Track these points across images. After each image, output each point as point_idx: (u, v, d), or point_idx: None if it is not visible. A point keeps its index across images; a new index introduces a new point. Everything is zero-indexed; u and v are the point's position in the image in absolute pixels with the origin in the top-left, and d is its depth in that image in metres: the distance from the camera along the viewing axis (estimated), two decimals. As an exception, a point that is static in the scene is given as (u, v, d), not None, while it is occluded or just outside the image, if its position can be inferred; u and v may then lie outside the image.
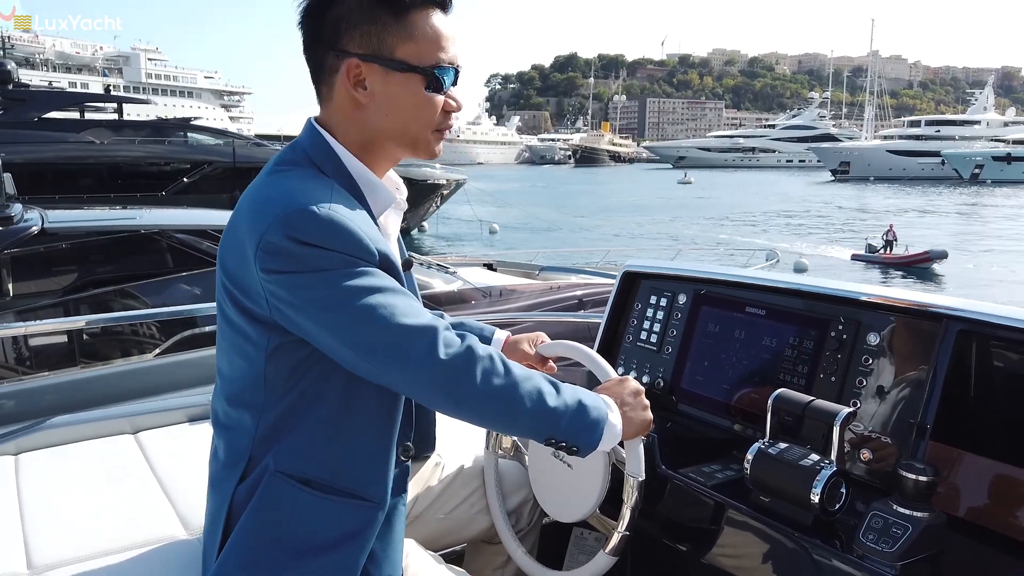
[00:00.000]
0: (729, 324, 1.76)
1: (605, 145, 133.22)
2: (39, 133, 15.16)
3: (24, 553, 1.44)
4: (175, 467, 1.82)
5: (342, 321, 1.08)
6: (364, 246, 1.11)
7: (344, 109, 1.21)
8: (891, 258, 18.51)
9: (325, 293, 1.08)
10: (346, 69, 1.18)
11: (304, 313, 1.09)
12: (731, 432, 1.69)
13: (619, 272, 2.07)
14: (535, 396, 1.17)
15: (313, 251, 1.07)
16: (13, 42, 36.51)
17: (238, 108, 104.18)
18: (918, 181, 62.07)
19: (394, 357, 1.09)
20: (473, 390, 1.12)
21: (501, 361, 1.16)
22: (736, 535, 1.42)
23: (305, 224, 1.07)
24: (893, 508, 1.22)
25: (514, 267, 7.48)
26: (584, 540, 1.87)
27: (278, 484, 1.19)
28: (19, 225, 4.54)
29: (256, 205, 1.14)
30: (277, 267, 1.08)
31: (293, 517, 1.19)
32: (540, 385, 1.18)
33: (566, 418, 1.19)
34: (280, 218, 1.07)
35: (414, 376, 1.10)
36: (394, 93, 1.20)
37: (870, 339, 1.51)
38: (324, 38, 1.19)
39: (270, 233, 1.07)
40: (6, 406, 3.19)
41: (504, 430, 1.35)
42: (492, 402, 1.14)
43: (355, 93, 1.19)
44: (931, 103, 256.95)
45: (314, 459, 1.19)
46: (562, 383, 1.23)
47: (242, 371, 1.20)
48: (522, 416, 1.17)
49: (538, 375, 1.20)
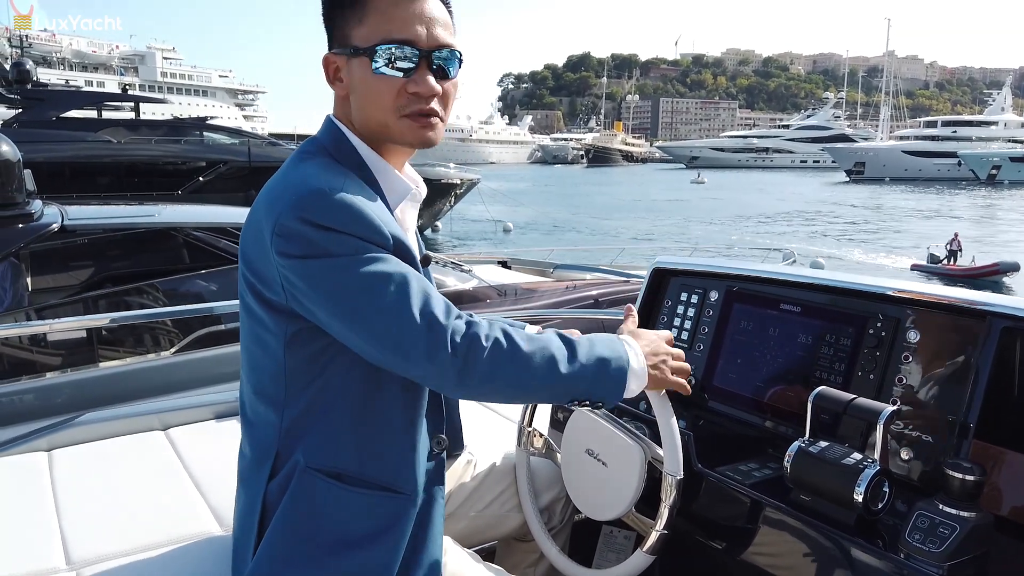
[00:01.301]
0: (763, 321, 1.74)
1: (618, 145, 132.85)
2: (57, 132, 15.26)
3: (63, 549, 1.45)
4: (205, 463, 1.82)
5: (352, 310, 1.08)
6: (377, 229, 1.11)
7: (342, 105, 1.25)
8: (955, 270, 16.69)
9: (335, 279, 1.08)
10: (324, 64, 1.23)
11: (315, 300, 1.09)
12: (765, 430, 1.67)
13: (638, 267, 2.06)
14: (549, 366, 1.15)
15: (326, 234, 1.07)
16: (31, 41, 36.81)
17: (252, 107, 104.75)
18: (934, 182, 61.57)
19: (403, 344, 1.08)
20: (485, 372, 1.11)
21: (508, 339, 1.13)
22: (774, 534, 1.40)
23: (319, 206, 1.08)
24: (939, 508, 1.20)
25: (528, 265, 7.47)
26: (613, 538, 1.86)
27: (309, 480, 1.19)
28: (39, 222, 4.56)
29: (274, 192, 1.15)
30: (291, 251, 1.08)
31: (326, 512, 1.19)
32: (553, 352, 1.16)
33: (586, 379, 1.18)
34: (295, 201, 1.08)
35: (423, 363, 1.09)
36: (354, 81, 1.20)
37: (910, 336, 1.49)
38: (329, 39, 1.24)
39: (285, 216, 1.08)
40: (30, 401, 3.22)
41: (525, 402, 1.34)
42: (507, 383, 1.14)
43: (333, 87, 1.24)
44: (948, 103, 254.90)
45: (343, 452, 1.19)
46: (578, 339, 1.21)
47: (263, 362, 1.20)
48: (538, 390, 1.17)
49: (552, 338, 1.19)
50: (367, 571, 1.20)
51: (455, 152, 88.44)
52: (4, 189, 4.46)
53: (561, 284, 5.97)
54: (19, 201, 4.55)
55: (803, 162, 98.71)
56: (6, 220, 4.45)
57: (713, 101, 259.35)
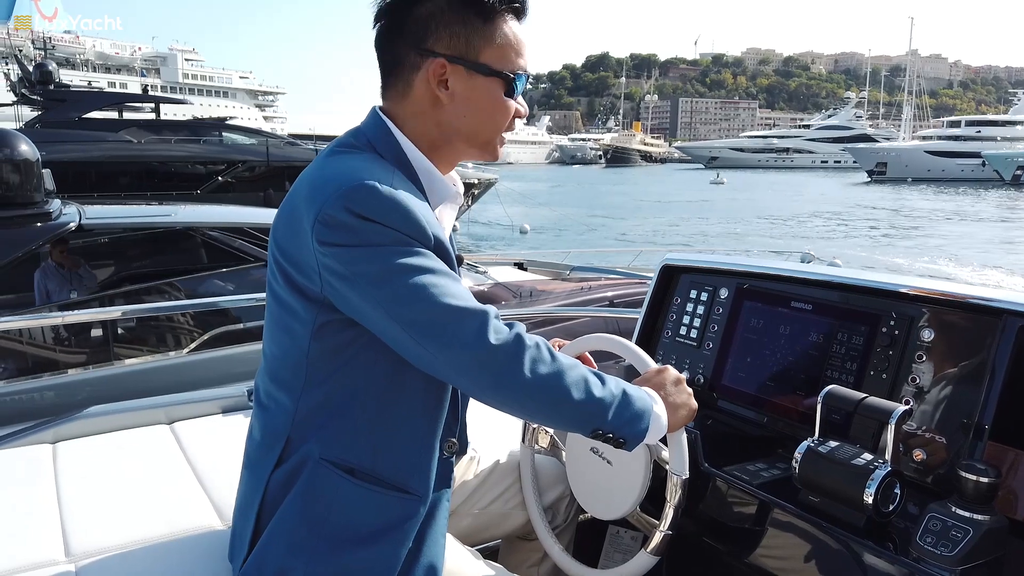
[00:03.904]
0: (773, 319, 1.71)
1: (636, 145, 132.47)
2: (79, 132, 15.43)
3: (62, 541, 1.45)
4: (210, 457, 1.82)
5: (394, 296, 1.07)
6: (422, 228, 1.10)
7: (421, 105, 1.22)
8: None
9: (379, 267, 1.07)
10: (432, 68, 1.19)
11: (356, 287, 1.08)
12: (774, 430, 1.64)
13: (655, 269, 2.03)
14: (582, 386, 1.14)
15: (372, 226, 1.07)
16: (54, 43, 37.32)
17: (272, 108, 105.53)
18: (957, 183, 60.77)
19: (443, 336, 1.07)
20: (521, 377, 1.09)
21: (548, 349, 1.13)
22: (782, 535, 1.37)
23: (367, 199, 1.07)
24: (952, 510, 1.17)
25: (545, 267, 7.46)
26: (620, 538, 1.84)
27: (322, 472, 1.18)
28: (57, 220, 4.61)
29: (317, 181, 1.14)
30: (334, 240, 1.07)
31: (335, 506, 1.18)
32: (586, 375, 1.16)
33: (612, 409, 1.16)
34: (343, 192, 1.07)
35: (461, 357, 1.08)
36: (475, 95, 1.21)
37: (923, 335, 1.45)
38: (407, 35, 1.20)
39: (330, 206, 1.07)
40: (46, 398, 3.24)
41: (549, 421, 1.28)
42: (539, 391, 1.11)
43: (438, 92, 1.20)
44: (972, 103, 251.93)
45: (358, 448, 1.19)
46: (605, 374, 1.20)
47: (286, 349, 1.20)
48: (569, 407, 1.14)
49: (583, 366, 1.17)
50: (370, 568, 1.19)
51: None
52: (23, 188, 4.51)
53: (577, 285, 5.95)
54: (38, 200, 4.60)
55: (824, 162, 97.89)
56: (24, 219, 4.49)
57: (733, 101, 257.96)
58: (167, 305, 4.56)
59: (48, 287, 5.44)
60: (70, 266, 5.63)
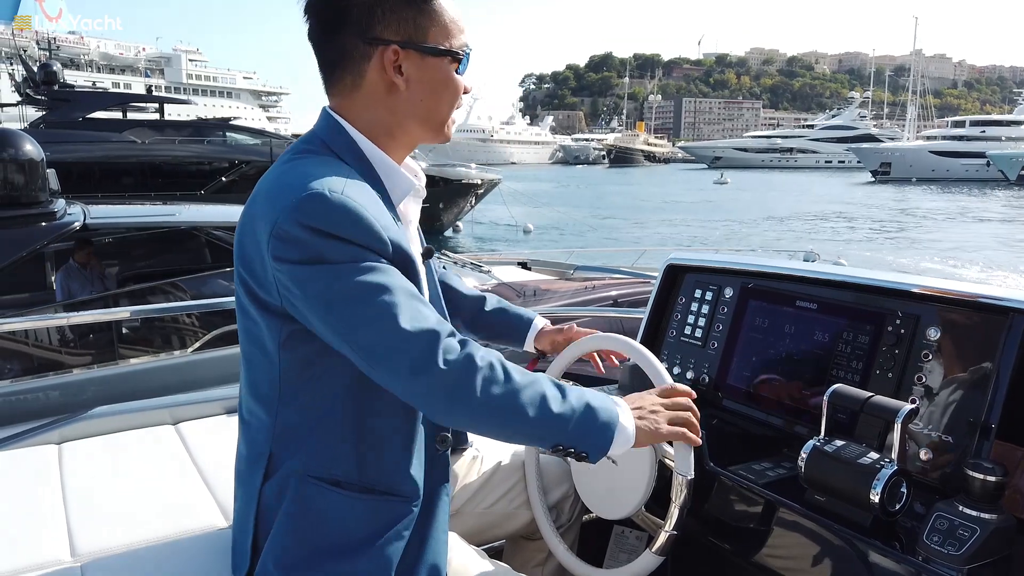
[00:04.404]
0: (778, 318, 1.70)
1: (640, 145, 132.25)
2: (83, 133, 15.48)
3: (68, 541, 1.45)
4: (214, 458, 1.82)
5: (342, 320, 1.06)
6: (376, 234, 1.08)
7: (375, 94, 1.20)
8: None
9: (330, 288, 1.05)
10: (385, 56, 1.17)
11: (308, 306, 1.08)
12: (780, 429, 1.64)
13: (658, 268, 2.02)
14: (538, 403, 1.12)
15: (324, 241, 1.05)
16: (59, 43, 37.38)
17: (275, 108, 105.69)
18: (962, 183, 60.59)
19: (391, 362, 1.06)
20: (473, 399, 1.07)
21: (502, 367, 1.11)
22: (788, 535, 1.37)
23: (317, 209, 1.05)
24: (959, 509, 1.16)
25: (549, 266, 7.45)
26: (625, 539, 1.83)
27: (307, 487, 1.18)
28: (62, 220, 4.61)
29: (271, 192, 1.12)
30: (287, 255, 1.06)
31: (327, 518, 1.18)
32: (544, 390, 1.13)
33: (572, 422, 1.14)
34: (294, 204, 1.05)
35: (410, 383, 1.07)
36: (428, 77, 1.21)
37: (929, 334, 1.45)
38: (351, 25, 1.17)
39: (283, 220, 1.05)
40: (51, 398, 3.24)
41: (507, 440, 1.22)
42: (493, 412, 1.10)
43: (394, 78, 1.18)
44: (976, 103, 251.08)
45: (340, 460, 1.17)
46: (569, 386, 1.18)
47: (259, 362, 1.19)
48: (525, 426, 1.12)
49: (543, 379, 1.16)
50: (370, 574, 1.19)
51: (476, 152, 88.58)
52: (27, 188, 4.52)
53: (580, 284, 5.94)
54: (42, 200, 4.61)
55: (828, 162, 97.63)
56: (29, 218, 4.50)
57: (736, 101, 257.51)
58: (171, 306, 4.57)
59: (71, 287, 5.48)
60: (94, 267, 5.67)
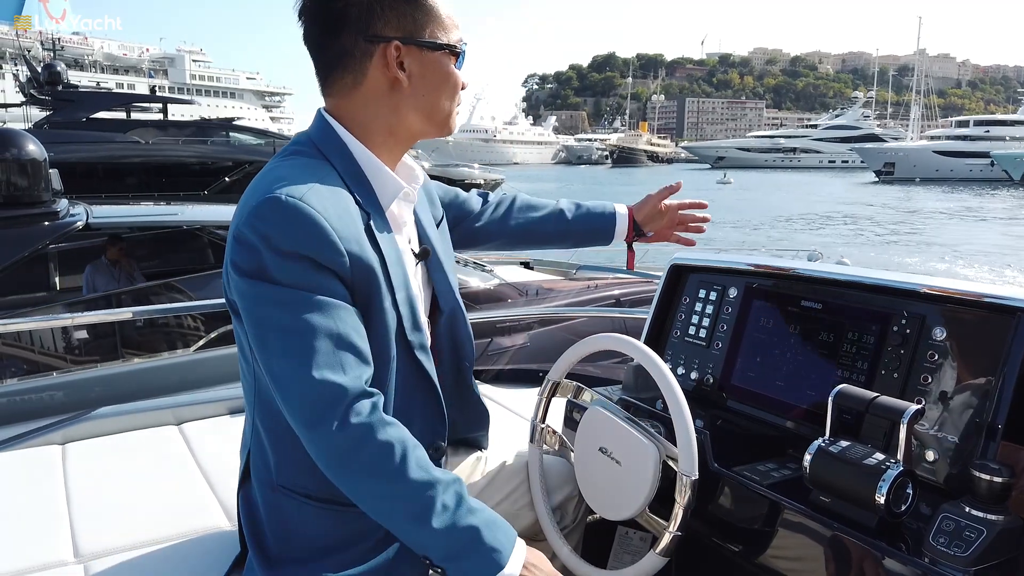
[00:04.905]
0: (783, 318, 1.70)
1: (643, 145, 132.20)
2: (87, 133, 15.49)
3: (71, 542, 1.45)
4: (218, 458, 1.82)
5: (264, 344, 1.06)
6: (328, 243, 1.06)
7: (377, 92, 1.20)
8: None
9: (261, 309, 1.06)
10: (387, 53, 1.17)
11: (245, 318, 1.09)
12: (784, 429, 1.63)
13: (661, 268, 2.02)
14: (418, 509, 1.05)
15: (269, 253, 1.04)
16: (63, 44, 37.47)
17: (279, 108, 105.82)
18: (966, 183, 60.44)
19: (292, 405, 1.05)
20: (354, 473, 1.05)
21: (402, 456, 1.06)
22: (793, 536, 1.36)
23: (270, 214, 1.05)
24: (965, 510, 1.15)
25: (551, 266, 7.44)
26: (629, 539, 1.82)
27: (281, 497, 1.19)
28: (64, 220, 4.63)
29: (247, 192, 1.14)
30: (238, 260, 1.07)
31: (303, 525, 1.19)
32: (437, 499, 1.06)
33: (442, 546, 1.07)
34: (253, 208, 1.06)
35: (303, 432, 1.06)
36: (429, 72, 1.21)
37: (935, 334, 1.44)
38: (350, 24, 1.17)
39: (243, 222, 1.07)
40: (55, 397, 3.25)
41: (379, 522, 1.12)
42: (369, 496, 1.07)
43: (397, 75, 1.18)
44: (980, 103, 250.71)
45: (309, 474, 1.15)
46: (473, 502, 1.11)
47: (242, 365, 1.21)
48: (396, 520, 1.08)
49: (449, 486, 1.08)
50: None
51: (479, 152, 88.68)
52: (30, 188, 4.53)
53: (582, 284, 5.93)
54: (45, 200, 4.62)
55: (831, 162, 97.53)
56: (32, 218, 4.51)
57: (740, 101, 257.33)
58: (175, 307, 4.58)
59: (96, 282, 5.51)
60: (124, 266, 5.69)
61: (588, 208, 1.78)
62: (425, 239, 1.37)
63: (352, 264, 1.10)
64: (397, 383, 1.19)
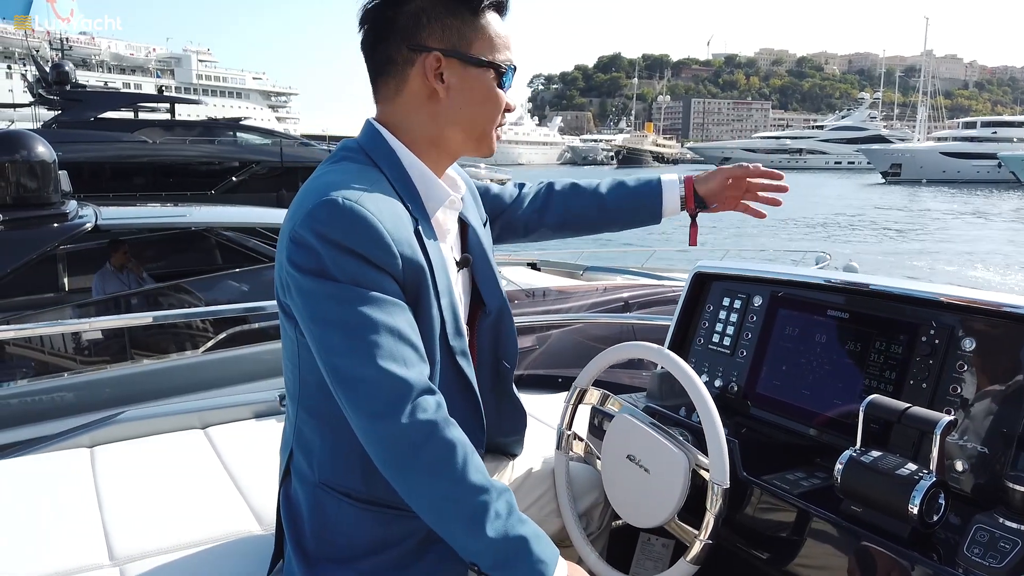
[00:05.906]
0: (809, 327, 1.70)
1: (648, 146, 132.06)
2: (95, 132, 15.54)
3: (105, 544, 1.47)
4: (245, 462, 1.83)
5: (325, 342, 1.07)
6: (383, 245, 1.08)
7: (417, 101, 1.22)
8: None
9: (323, 307, 1.06)
10: (427, 62, 1.19)
11: (303, 318, 1.10)
12: (811, 439, 1.63)
13: (667, 272, 2.03)
14: (474, 514, 1.04)
15: (329, 250, 1.06)
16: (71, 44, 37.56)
17: (285, 108, 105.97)
18: (973, 184, 60.27)
19: (357, 397, 1.05)
20: (414, 469, 1.05)
21: (464, 458, 1.06)
22: (822, 546, 1.36)
23: (328, 216, 1.07)
24: (1000, 521, 1.16)
25: (558, 267, 7.45)
26: (651, 546, 1.83)
27: (321, 494, 1.21)
28: (73, 221, 4.65)
29: (299, 197, 1.16)
30: (297, 260, 1.08)
31: (343, 524, 1.20)
32: (491, 506, 1.05)
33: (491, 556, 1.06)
34: (310, 210, 1.08)
35: (368, 424, 1.05)
36: (469, 86, 1.22)
37: (965, 344, 1.44)
38: (397, 32, 1.19)
39: (300, 224, 1.08)
40: (67, 398, 3.27)
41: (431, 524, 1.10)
42: (427, 493, 1.06)
43: (435, 85, 1.20)
44: (987, 104, 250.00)
45: (350, 472, 1.19)
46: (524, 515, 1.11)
47: (287, 362, 1.23)
48: (450, 522, 1.07)
49: (501, 494, 1.08)
50: None
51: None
52: (40, 190, 4.56)
53: (591, 286, 5.93)
54: (54, 201, 4.64)
55: (837, 163, 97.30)
56: (41, 220, 4.53)
57: (745, 102, 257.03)
58: (183, 312, 4.59)
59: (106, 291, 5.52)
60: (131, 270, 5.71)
61: (631, 186, 1.68)
62: (475, 241, 1.39)
63: (404, 267, 1.12)
64: (439, 388, 1.20)
